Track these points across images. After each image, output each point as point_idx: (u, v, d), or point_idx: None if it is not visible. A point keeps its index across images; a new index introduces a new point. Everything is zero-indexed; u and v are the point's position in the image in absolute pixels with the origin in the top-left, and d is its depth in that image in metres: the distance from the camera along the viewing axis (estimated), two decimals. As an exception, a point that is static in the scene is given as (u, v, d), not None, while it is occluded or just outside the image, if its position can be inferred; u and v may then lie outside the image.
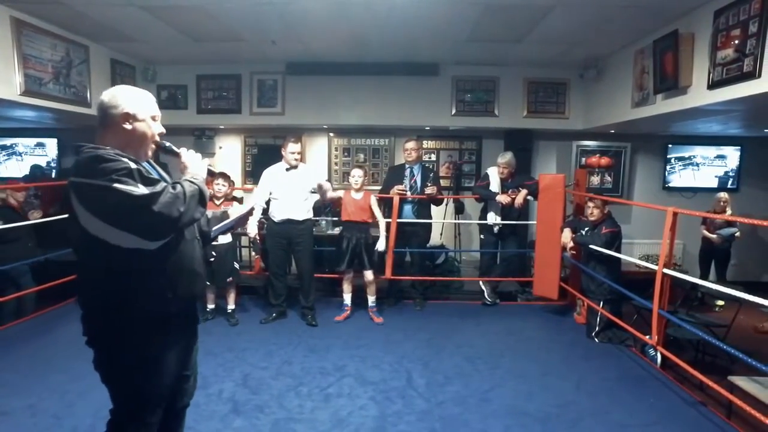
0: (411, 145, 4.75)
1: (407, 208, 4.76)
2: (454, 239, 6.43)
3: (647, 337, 3.35)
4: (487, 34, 4.57)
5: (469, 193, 5.97)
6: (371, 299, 4.47)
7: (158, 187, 1.50)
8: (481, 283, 5.00)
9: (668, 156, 6.74)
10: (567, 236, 4.31)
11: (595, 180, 6.71)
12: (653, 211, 6.10)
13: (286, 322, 4.33)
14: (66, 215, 1.57)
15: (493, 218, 4.82)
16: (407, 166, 4.78)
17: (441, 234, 6.51)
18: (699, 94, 3.60)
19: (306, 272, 4.29)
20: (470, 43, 4.87)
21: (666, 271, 3.15)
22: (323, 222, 5.67)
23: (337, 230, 5.56)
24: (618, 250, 3.94)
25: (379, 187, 5.36)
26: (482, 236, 5.09)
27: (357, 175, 4.31)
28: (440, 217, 6.53)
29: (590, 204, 4.14)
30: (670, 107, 4.06)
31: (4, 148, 7.22)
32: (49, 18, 4.25)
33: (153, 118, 1.72)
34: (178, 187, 1.56)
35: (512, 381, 3.25)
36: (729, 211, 5.55)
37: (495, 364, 3.52)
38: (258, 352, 3.62)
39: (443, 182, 6.78)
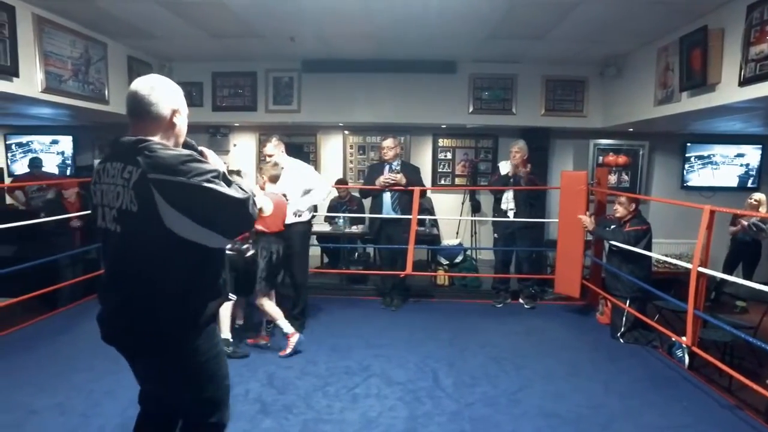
0: (387, 143, 4.66)
1: (387, 203, 4.65)
2: (471, 237, 6.39)
3: (682, 338, 3.29)
4: (509, 32, 4.52)
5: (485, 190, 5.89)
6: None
7: (246, 192, 1.49)
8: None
9: (687, 155, 6.66)
10: (587, 220, 4.23)
11: (612, 179, 6.63)
12: (671, 210, 6.08)
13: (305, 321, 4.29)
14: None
15: (506, 204, 4.76)
16: (386, 164, 4.69)
17: (457, 232, 6.47)
18: (729, 91, 3.54)
19: (298, 279, 4.00)
20: (489, 40, 4.82)
21: (702, 269, 3.09)
22: (340, 220, 5.65)
23: (355, 228, 5.55)
24: (648, 248, 3.88)
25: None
26: (495, 235, 5.02)
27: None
28: (457, 214, 6.50)
29: (616, 201, 4.08)
30: (696, 105, 3.99)
31: (20, 145, 7.23)
32: (69, 15, 4.24)
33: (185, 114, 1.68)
34: (248, 190, 1.53)
35: (540, 382, 3.21)
36: (764, 211, 5.41)
37: (520, 364, 3.48)
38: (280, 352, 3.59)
39: (458, 180, 6.79)
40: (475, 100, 5.92)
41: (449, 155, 6.80)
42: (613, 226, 4.10)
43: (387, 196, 4.60)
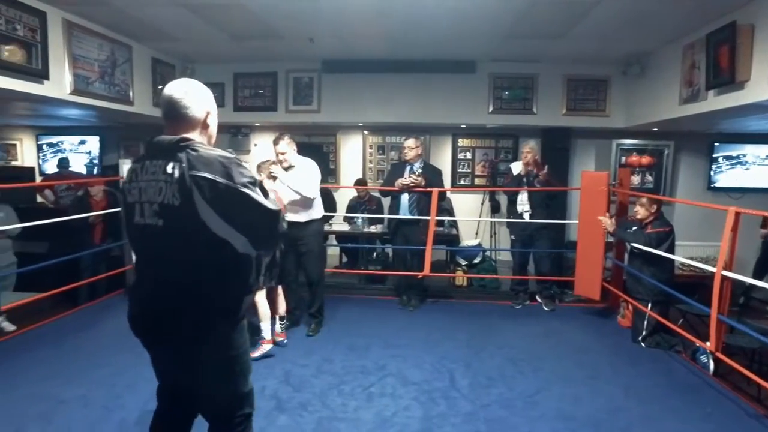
0: (409, 143, 4.62)
1: (404, 204, 4.63)
2: (490, 238, 6.34)
3: (706, 343, 3.20)
4: (528, 30, 4.47)
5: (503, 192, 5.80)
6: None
7: (277, 204, 1.57)
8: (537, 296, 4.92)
9: (714, 155, 6.48)
10: (608, 221, 4.14)
11: (636, 179, 6.51)
12: (697, 212, 5.92)
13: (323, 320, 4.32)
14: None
15: (521, 206, 4.71)
16: (407, 164, 4.67)
17: (477, 233, 6.43)
18: (759, 89, 3.43)
19: (313, 278, 3.99)
20: (509, 39, 4.78)
21: (725, 273, 3.00)
22: (359, 220, 5.67)
23: (373, 228, 5.56)
24: (671, 251, 3.79)
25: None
26: (513, 237, 4.95)
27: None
28: (476, 215, 6.46)
29: (637, 202, 4.00)
30: (723, 103, 3.88)
31: (51, 145, 7.47)
32: (96, 19, 4.36)
33: None
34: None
35: (558, 384, 3.16)
36: None
37: (538, 366, 3.44)
38: (297, 350, 3.63)
39: (478, 181, 6.75)
40: (495, 100, 5.87)
41: (469, 155, 6.77)
42: (634, 228, 4.02)
43: (405, 198, 4.59)
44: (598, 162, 6.51)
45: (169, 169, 1.48)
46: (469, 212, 6.60)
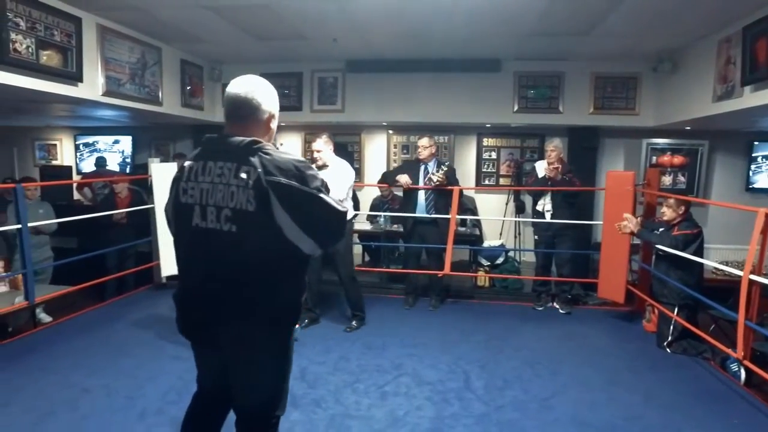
0: (423, 142, 4.55)
1: (421, 203, 4.58)
2: (514, 239, 6.26)
3: (732, 350, 3.08)
4: (553, 27, 4.39)
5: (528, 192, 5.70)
6: None
7: (343, 206, 1.58)
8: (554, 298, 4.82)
9: (753, 154, 6.21)
10: (633, 221, 4.01)
11: (667, 180, 6.31)
12: (734, 214, 5.69)
13: (344, 319, 4.36)
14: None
15: (542, 205, 4.62)
16: (421, 163, 4.63)
17: (501, 233, 6.36)
18: (796, 86, 3.28)
19: (344, 277, 4.05)
20: (534, 37, 4.70)
21: (753, 277, 2.88)
22: (381, 219, 5.69)
23: (396, 227, 5.57)
24: (699, 254, 3.65)
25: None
26: (536, 237, 4.87)
27: None
28: (500, 215, 6.39)
29: (664, 203, 3.87)
30: (761, 100, 3.70)
31: (86, 145, 7.79)
32: (128, 23, 4.52)
33: None
34: None
35: (574, 389, 3.10)
36: None
37: (556, 369, 3.38)
38: (315, 347, 3.67)
39: (503, 180, 6.67)
40: (521, 99, 5.79)
41: (494, 155, 6.70)
42: (661, 229, 3.89)
43: (421, 196, 4.56)
44: (627, 162, 6.34)
45: (243, 174, 1.45)
46: (493, 212, 6.54)
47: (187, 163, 1.57)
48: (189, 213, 1.53)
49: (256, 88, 1.56)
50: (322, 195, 1.49)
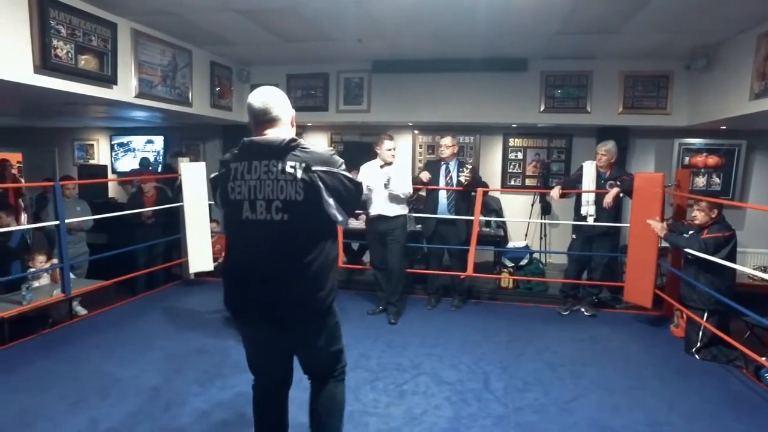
0: (446, 141, 4.55)
1: (443, 203, 4.57)
2: (540, 240, 6.18)
3: (763, 358, 2.98)
4: (581, 25, 4.32)
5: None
6: None
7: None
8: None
9: (795, 155, 5.95)
10: (659, 225, 3.91)
11: (701, 181, 6.11)
12: (772, 216, 5.48)
13: (366, 316, 4.40)
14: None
15: (585, 209, 4.49)
16: (443, 162, 4.62)
17: (526, 234, 6.29)
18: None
19: (394, 268, 4.29)
20: (561, 35, 4.64)
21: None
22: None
23: (419, 227, 5.56)
24: (731, 258, 3.53)
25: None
26: (574, 236, 4.74)
27: None
28: (526, 216, 6.32)
29: (695, 207, 3.76)
30: (800, 98, 3.57)
31: (121, 145, 8.07)
32: (161, 27, 4.67)
33: None
34: None
35: (597, 393, 3.05)
36: None
37: (578, 373, 3.33)
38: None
39: (529, 181, 6.59)
40: (547, 99, 5.71)
41: (520, 155, 6.62)
42: (691, 232, 3.78)
43: (443, 197, 4.56)
44: (658, 162, 6.17)
45: (289, 168, 1.67)
46: (518, 213, 6.46)
47: (234, 164, 1.74)
48: (239, 208, 1.72)
49: (275, 96, 1.81)
50: (346, 173, 1.78)
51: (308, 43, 5.16)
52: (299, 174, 1.67)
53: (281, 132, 1.76)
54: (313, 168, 1.69)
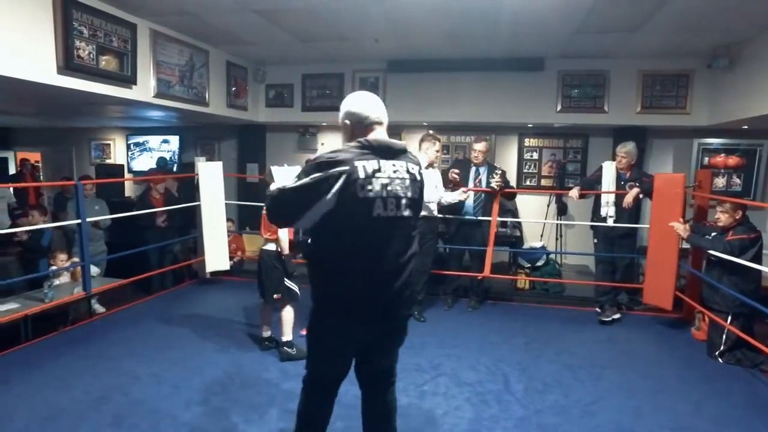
0: (480, 146, 4.51)
1: (469, 204, 4.53)
2: (555, 241, 6.13)
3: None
4: (600, 24, 4.28)
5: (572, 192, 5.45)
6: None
7: None
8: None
9: (818, 155, 5.83)
10: (682, 228, 3.84)
11: (720, 182, 6.01)
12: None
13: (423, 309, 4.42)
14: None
15: (605, 210, 4.42)
16: (473, 165, 4.58)
17: (542, 235, 6.24)
18: None
19: (425, 266, 4.27)
20: (580, 34, 4.59)
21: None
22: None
23: (441, 227, 5.51)
24: (757, 260, 3.46)
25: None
26: (595, 240, 4.64)
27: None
28: (541, 216, 6.27)
29: (718, 208, 3.70)
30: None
31: (137, 145, 8.14)
32: (179, 27, 4.71)
33: None
34: None
35: (618, 395, 3.01)
36: None
37: (598, 375, 3.29)
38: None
39: (544, 181, 6.54)
40: (564, 98, 5.66)
41: (535, 155, 6.56)
42: (713, 234, 3.72)
43: (470, 198, 4.53)
44: (676, 163, 6.08)
45: (411, 169, 1.83)
46: (534, 213, 6.41)
47: (363, 162, 1.72)
48: (372, 205, 1.73)
49: (381, 103, 1.92)
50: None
51: (324, 42, 5.17)
52: (417, 174, 1.85)
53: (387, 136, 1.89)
54: (421, 170, 1.90)
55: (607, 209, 4.43)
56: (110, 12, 3.92)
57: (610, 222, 4.41)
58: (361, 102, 1.86)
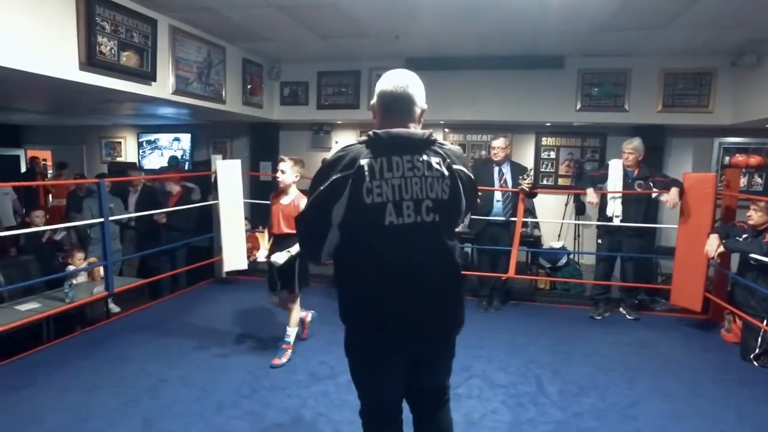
0: (499, 143, 4.41)
1: (498, 205, 4.46)
2: (574, 241, 6.07)
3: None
4: (626, 22, 4.20)
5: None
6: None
7: None
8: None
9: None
10: (714, 244, 3.74)
11: (741, 181, 5.93)
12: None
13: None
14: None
15: (612, 209, 4.34)
16: (494, 164, 4.49)
17: (559, 235, 6.18)
18: None
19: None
20: (602, 32, 4.53)
21: None
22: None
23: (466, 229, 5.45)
24: (795, 262, 3.40)
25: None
26: (599, 241, 4.59)
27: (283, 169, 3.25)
28: (559, 216, 6.21)
29: (752, 206, 3.63)
30: None
31: (149, 143, 8.09)
32: (197, 23, 4.65)
33: None
34: None
35: (655, 399, 2.95)
36: None
37: (632, 378, 3.23)
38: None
39: (562, 181, 6.48)
40: (584, 97, 5.60)
41: (553, 154, 6.51)
42: (745, 236, 3.65)
43: (498, 198, 4.45)
44: (696, 162, 6.02)
45: (435, 164, 1.49)
46: (552, 213, 6.35)
47: (368, 161, 1.47)
48: (380, 212, 1.46)
49: (411, 83, 1.56)
50: (473, 176, 1.64)
51: (343, 39, 5.10)
52: (445, 170, 1.50)
53: (411, 126, 1.56)
54: (454, 165, 1.53)
55: (614, 208, 4.36)
56: (132, 7, 3.87)
57: (616, 221, 4.34)
58: (389, 82, 1.56)
